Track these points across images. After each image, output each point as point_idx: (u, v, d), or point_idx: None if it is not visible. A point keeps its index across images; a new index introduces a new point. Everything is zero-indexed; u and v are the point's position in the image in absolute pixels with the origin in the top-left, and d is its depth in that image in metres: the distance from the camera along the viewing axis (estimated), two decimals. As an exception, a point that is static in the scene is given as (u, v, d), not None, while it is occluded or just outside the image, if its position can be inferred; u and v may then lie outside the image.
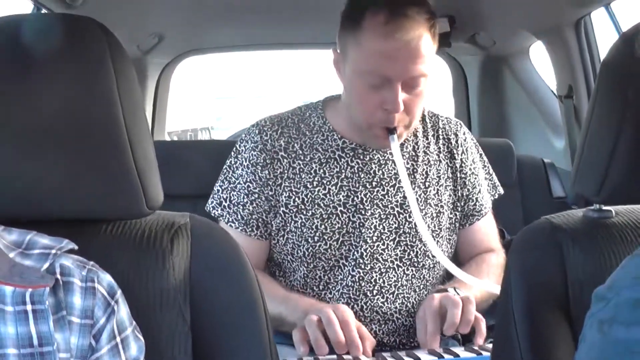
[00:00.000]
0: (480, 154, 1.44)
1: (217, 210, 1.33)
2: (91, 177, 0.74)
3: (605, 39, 2.11)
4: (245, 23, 2.41)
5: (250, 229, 1.30)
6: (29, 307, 0.63)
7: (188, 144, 2.95)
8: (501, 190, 1.46)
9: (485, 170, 1.44)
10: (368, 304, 1.29)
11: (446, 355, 1.10)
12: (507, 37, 2.47)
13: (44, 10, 1.77)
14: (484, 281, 1.22)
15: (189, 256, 0.78)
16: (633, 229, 0.85)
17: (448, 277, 1.37)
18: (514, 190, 2.05)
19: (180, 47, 2.75)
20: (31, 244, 0.68)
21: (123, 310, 0.69)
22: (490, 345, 1.10)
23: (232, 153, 1.35)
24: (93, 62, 0.72)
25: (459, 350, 1.12)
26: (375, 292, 1.29)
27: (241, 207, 1.30)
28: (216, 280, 0.79)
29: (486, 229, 1.41)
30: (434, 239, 1.33)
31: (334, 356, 1.11)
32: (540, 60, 2.51)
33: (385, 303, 1.30)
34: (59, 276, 0.66)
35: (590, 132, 0.84)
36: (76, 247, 0.69)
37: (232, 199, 1.31)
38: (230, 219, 1.31)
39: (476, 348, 1.11)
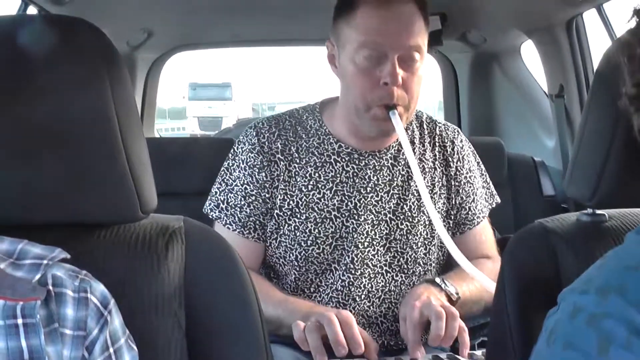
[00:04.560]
0: (478, 162, 1.43)
1: (215, 213, 1.32)
2: (85, 181, 0.73)
3: (597, 40, 2.12)
4: (234, 19, 2.40)
5: (247, 231, 1.29)
6: (19, 321, 0.62)
7: (177, 140, 2.94)
8: (498, 200, 1.45)
9: (483, 178, 1.43)
10: (356, 309, 1.28)
11: None
12: (498, 35, 2.47)
13: (32, 7, 1.75)
14: (487, 278, 1.19)
15: (184, 261, 0.77)
16: (626, 233, 0.85)
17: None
18: (505, 188, 2.05)
19: (170, 42, 2.73)
20: (22, 254, 0.66)
21: (116, 321, 0.68)
22: (478, 353, 1.11)
23: (230, 155, 1.34)
24: (85, 65, 0.71)
25: (462, 358, 1.11)
26: (363, 296, 1.29)
27: (238, 210, 1.29)
28: (211, 284, 0.79)
29: (481, 237, 1.40)
30: (426, 247, 1.32)
31: None
32: (531, 59, 2.52)
33: (371, 307, 1.29)
34: (51, 287, 0.65)
35: (585, 137, 0.84)
36: (68, 256, 0.68)
37: (229, 201, 1.30)
38: (228, 221, 1.30)
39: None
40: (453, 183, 1.35)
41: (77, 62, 0.71)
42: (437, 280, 1.23)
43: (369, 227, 1.29)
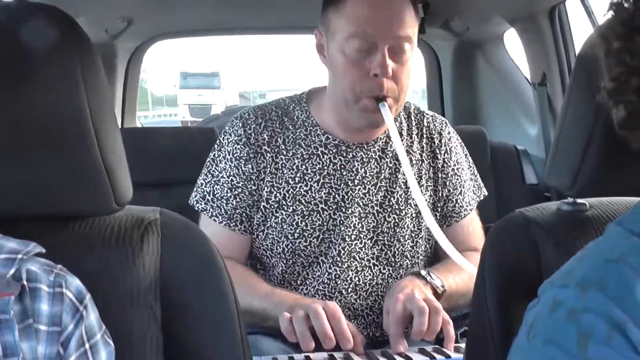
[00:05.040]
0: (466, 154, 1.42)
1: (201, 204, 1.30)
2: (57, 173, 0.71)
3: (579, 28, 2.12)
4: (216, 6, 2.38)
5: (234, 224, 1.28)
6: None
7: (159, 130, 2.91)
8: (485, 192, 1.44)
9: (471, 171, 1.42)
10: (342, 302, 1.28)
11: (437, 356, 1.09)
12: (481, 23, 2.47)
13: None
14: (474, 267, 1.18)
15: (159, 253, 0.76)
16: (607, 222, 0.84)
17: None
18: (487, 177, 2.05)
19: (150, 31, 2.70)
20: None
21: (92, 316, 0.67)
22: (463, 345, 1.10)
23: (216, 146, 1.33)
24: (57, 55, 0.69)
25: (447, 351, 1.11)
26: (350, 289, 1.28)
27: (225, 201, 1.28)
28: (187, 276, 0.78)
29: (468, 230, 1.39)
30: (413, 240, 1.32)
31: (325, 354, 1.10)
32: (514, 47, 2.52)
33: (358, 300, 1.29)
34: (25, 282, 0.63)
35: (565, 126, 0.84)
36: (43, 251, 0.67)
37: (215, 192, 1.29)
38: (214, 213, 1.29)
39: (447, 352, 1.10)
40: (440, 175, 1.34)
41: (47, 50, 0.69)
42: (423, 272, 1.23)
43: (356, 220, 1.28)
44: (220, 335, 0.78)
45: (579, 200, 0.87)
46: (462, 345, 1.13)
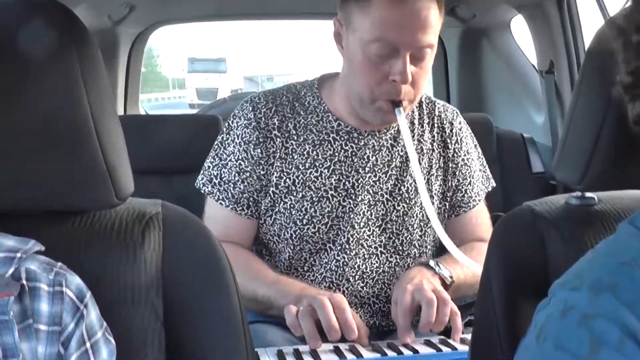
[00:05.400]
0: (475, 145, 1.40)
1: (208, 188, 1.29)
2: (56, 167, 0.70)
3: (588, 15, 2.09)
4: None
5: (240, 208, 1.27)
6: None
7: (162, 117, 2.89)
8: (493, 183, 1.43)
9: (480, 161, 1.41)
10: (349, 289, 1.27)
11: (444, 348, 1.08)
12: (488, 10, 2.43)
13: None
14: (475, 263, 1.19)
15: (161, 248, 0.75)
16: (616, 217, 0.83)
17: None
18: (493, 165, 2.03)
19: (152, 16, 2.67)
20: None
21: (93, 314, 0.66)
22: (469, 337, 1.10)
23: (224, 129, 1.31)
24: (55, 49, 0.68)
25: (454, 343, 1.11)
26: (357, 277, 1.27)
27: (232, 185, 1.27)
28: (189, 272, 0.77)
29: (476, 220, 1.38)
30: (422, 229, 1.31)
31: (330, 346, 1.09)
32: (521, 34, 2.49)
33: (365, 287, 1.28)
34: (24, 282, 0.63)
35: (574, 120, 0.82)
36: (43, 248, 0.66)
37: (222, 176, 1.28)
38: (221, 197, 1.28)
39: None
40: (450, 165, 1.33)
41: (45, 45, 0.68)
42: (431, 263, 1.22)
43: (365, 208, 1.27)
44: (223, 331, 0.77)
45: (588, 194, 0.86)
46: (468, 336, 1.13)
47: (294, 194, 1.25)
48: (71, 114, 0.69)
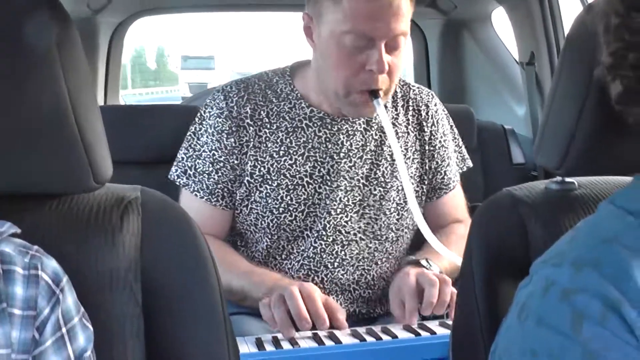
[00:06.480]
0: (451, 126, 1.41)
1: (182, 179, 1.28)
2: (33, 150, 0.69)
3: (568, 7, 2.11)
4: None
5: (215, 199, 1.26)
6: None
7: (143, 108, 2.86)
8: (470, 163, 1.44)
9: (455, 142, 1.42)
10: (328, 276, 1.27)
11: (422, 332, 1.09)
12: (469, 2, 2.44)
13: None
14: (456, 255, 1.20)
15: (140, 233, 0.74)
16: (596, 202, 0.84)
17: (411, 249, 1.35)
18: (474, 156, 2.03)
19: (133, 6, 2.64)
20: None
21: (69, 299, 0.64)
22: None
23: (197, 119, 1.30)
24: (32, 31, 0.67)
25: (434, 326, 1.12)
26: (336, 264, 1.27)
27: (206, 176, 1.26)
28: (168, 257, 0.76)
29: (454, 201, 1.40)
30: (399, 212, 1.31)
31: (309, 332, 1.09)
32: (502, 26, 2.50)
33: (345, 275, 1.28)
34: None
35: (554, 104, 0.82)
36: (19, 231, 0.65)
37: (197, 167, 1.27)
38: (195, 188, 1.26)
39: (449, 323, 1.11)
40: (427, 147, 1.33)
41: (23, 28, 0.66)
42: (423, 262, 1.23)
43: (342, 194, 1.26)
44: (202, 318, 0.76)
45: (568, 179, 0.86)
46: (448, 321, 1.14)
47: (269, 183, 1.25)
48: (49, 98, 0.68)
